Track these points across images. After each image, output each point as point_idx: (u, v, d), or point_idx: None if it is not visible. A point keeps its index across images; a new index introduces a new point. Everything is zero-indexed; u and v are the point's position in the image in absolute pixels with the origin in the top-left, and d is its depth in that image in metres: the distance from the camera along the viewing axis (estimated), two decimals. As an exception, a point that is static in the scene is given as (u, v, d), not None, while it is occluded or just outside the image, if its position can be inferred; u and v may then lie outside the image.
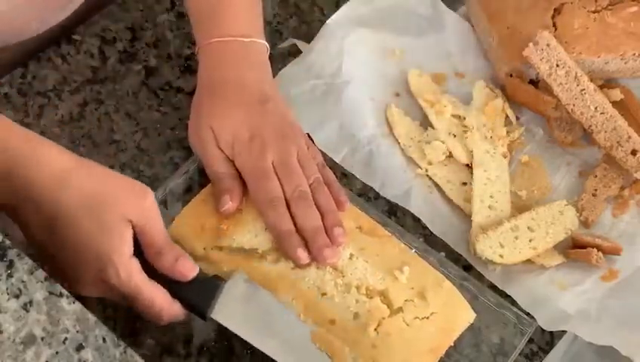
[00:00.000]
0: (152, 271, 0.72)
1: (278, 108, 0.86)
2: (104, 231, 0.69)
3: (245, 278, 0.75)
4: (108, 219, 0.69)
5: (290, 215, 0.79)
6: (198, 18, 0.91)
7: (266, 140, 0.83)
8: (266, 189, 0.80)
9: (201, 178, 0.89)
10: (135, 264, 0.71)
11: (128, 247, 0.70)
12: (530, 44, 0.96)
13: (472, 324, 0.80)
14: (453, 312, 0.78)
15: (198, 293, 0.72)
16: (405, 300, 0.76)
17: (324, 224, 0.79)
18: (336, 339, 0.73)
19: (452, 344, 0.78)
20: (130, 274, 0.70)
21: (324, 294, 0.76)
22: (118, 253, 0.69)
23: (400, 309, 0.76)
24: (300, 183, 0.81)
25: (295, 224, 0.79)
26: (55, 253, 0.71)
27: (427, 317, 0.76)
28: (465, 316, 0.79)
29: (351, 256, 0.78)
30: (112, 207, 0.70)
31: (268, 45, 0.92)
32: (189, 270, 0.72)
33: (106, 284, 0.70)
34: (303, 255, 0.77)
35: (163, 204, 0.87)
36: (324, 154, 0.94)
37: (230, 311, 0.74)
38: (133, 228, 0.71)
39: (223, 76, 0.87)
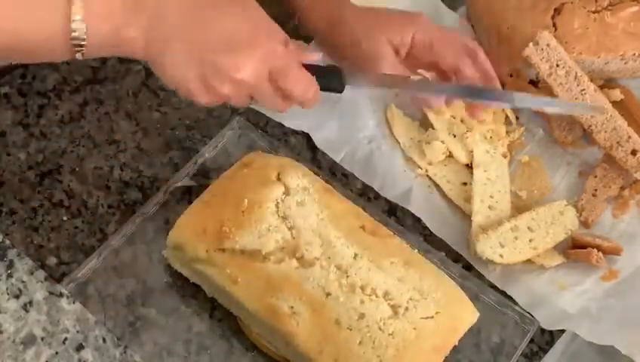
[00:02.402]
0: None
1: None
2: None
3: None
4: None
5: None
6: None
7: None
8: None
9: (203, 179, 0.89)
10: None
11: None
12: (530, 44, 0.96)
13: (473, 323, 0.80)
14: (456, 311, 0.78)
15: (326, 74, 0.80)
16: (409, 299, 0.76)
17: None
18: None
19: (456, 343, 0.78)
20: (301, 44, 0.80)
21: (328, 294, 0.75)
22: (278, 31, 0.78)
23: (404, 309, 0.76)
24: None
25: None
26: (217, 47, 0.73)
27: (431, 317, 0.76)
28: (468, 315, 0.79)
29: (355, 256, 0.78)
30: None
31: None
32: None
33: (278, 53, 0.75)
34: None
35: (164, 205, 0.87)
36: (324, 155, 0.94)
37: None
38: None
39: None
